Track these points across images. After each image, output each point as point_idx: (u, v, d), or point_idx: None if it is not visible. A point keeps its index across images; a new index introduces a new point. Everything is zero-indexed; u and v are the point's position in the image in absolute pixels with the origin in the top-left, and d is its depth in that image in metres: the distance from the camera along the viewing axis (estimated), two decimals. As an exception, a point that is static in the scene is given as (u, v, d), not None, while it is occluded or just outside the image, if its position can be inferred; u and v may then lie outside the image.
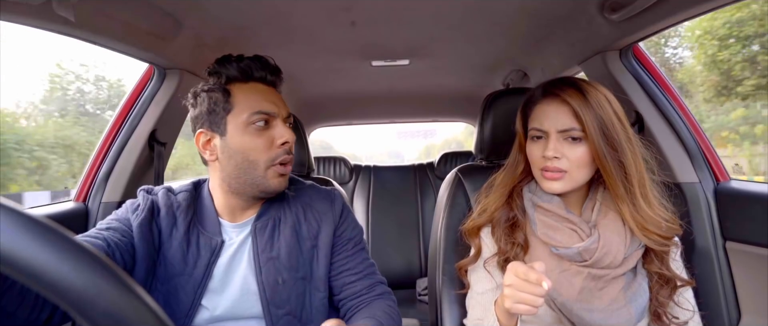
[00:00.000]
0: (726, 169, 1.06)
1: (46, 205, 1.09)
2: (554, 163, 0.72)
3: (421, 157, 6.30)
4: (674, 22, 0.92)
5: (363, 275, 0.85)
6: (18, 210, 0.22)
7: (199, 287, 0.76)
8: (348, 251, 0.86)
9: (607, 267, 0.72)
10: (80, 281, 0.22)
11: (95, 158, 1.15)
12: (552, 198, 0.77)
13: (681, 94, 1.11)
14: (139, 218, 0.76)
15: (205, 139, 0.77)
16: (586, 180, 0.75)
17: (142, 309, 0.23)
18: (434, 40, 1.31)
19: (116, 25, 0.90)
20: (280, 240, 0.81)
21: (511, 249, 0.77)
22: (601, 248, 0.72)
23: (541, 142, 0.75)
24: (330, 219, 0.85)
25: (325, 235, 0.84)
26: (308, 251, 0.82)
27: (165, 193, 0.81)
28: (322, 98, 1.99)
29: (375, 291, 0.85)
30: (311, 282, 0.82)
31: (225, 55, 0.79)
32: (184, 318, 0.76)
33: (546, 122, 0.74)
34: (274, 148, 0.77)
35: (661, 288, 0.74)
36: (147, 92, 1.18)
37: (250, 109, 0.75)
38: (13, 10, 0.70)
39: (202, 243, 0.78)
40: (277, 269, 0.79)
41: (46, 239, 0.22)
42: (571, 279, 0.73)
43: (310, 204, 0.86)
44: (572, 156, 0.72)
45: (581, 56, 1.20)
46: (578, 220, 0.75)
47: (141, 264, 0.73)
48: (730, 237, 0.98)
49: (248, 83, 0.77)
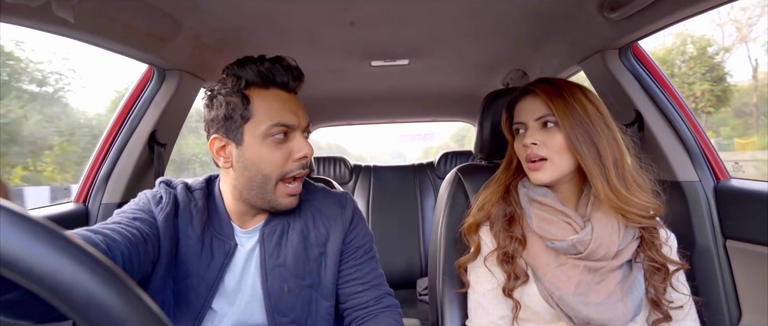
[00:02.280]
0: (726, 168, 1.06)
1: (47, 206, 1.09)
2: (534, 150, 0.76)
3: (420, 157, 6.34)
4: (673, 21, 0.92)
5: (370, 285, 0.83)
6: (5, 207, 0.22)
7: (211, 289, 0.75)
8: (357, 259, 0.83)
9: (602, 259, 0.74)
10: (73, 275, 0.21)
11: (95, 159, 1.15)
12: (546, 192, 0.79)
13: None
14: (164, 212, 0.73)
15: (219, 145, 0.74)
16: (570, 167, 0.77)
17: (140, 308, 0.23)
18: (434, 40, 1.31)
19: (116, 26, 0.90)
20: (287, 247, 0.78)
21: (509, 243, 0.78)
22: (594, 240, 0.73)
23: (523, 134, 0.80)
24: (340, 225, 0.82)
25: (334, 242, 0.81)
26: (316, 258, 0.80)
27: (184, 189, 0.79)
28: (321, 98, 1.99)
29: (382, 304, 0.83)
30: (318, 291, 0.80)
31: (245, 56, 0.74)
32: (193, 320, 0.74)
33: (523, 114, 0.80)
34: (290, 162, 0.73)
35: (653, 274, 0.76)
36: (146, 93, 1.18)
37: (270, 121, 0.71)
38: (13, 12, 0.70)
39: (216, 245, 0.76)
40: (282, 276, 0.77)
41: (40, 237, 0.22)
42: (568, 273, 0.74)
43: (320, 209, 0.83)
44: (550, 142, 0.76)
45: (581, 55, 1.20)
46: (572, 213, 0.77)
47: (163, 260, 0.71)
48: (730, 236, 0.98)
49: (269, 89, 0.73)
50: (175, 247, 0.74)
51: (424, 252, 2.10)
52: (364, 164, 2.36)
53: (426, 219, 2.16)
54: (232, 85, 0.72)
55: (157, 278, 0.71)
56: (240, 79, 0.72)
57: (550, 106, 0.75)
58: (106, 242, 0.60)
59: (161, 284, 0.72)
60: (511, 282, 0.77)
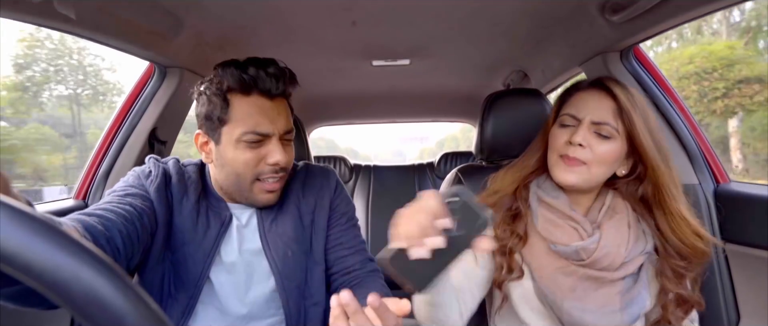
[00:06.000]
0: (726, 171, 1.06)
1: (46, 202, 1.09)
2: (578, 151, 0.70)
3: (418, 156, 6.39)
4: (675, 24, 0.92)
5: (355, 250, 0.86)
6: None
7: (208, 257, 0.76)
8: (342, 225, 0.87)
9: (605, 269, 0.71)
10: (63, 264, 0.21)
11: (95, 156, 1.15)
12: (559, 194, 0.76)
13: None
14: (154, 183, 0.75)
15: (202, 140, 0.78)
16: (601, 180, 0.73)
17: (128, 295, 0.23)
18: (435, 40, 1.31)
19: (117, 23, 0.90)
20: (285, 217, 0.82)
21: (509, 237, 0.75)
22: (600, 249, 0.71)
23: (569, 128, 0.72)
24: (326, 192, 0.87)
25: (322, 208, 0.85)
26: (308, 226, 0.84)
27: (176, 162, 0.82)
28: (322, 97, 1.98)
29: (367, 268, 0.86)
30: (311, 256, 0.83)
31: (230, 59, 0.75)
32: (192, 288, 0.75)
33: (583, 110, 0.71)
34: (263, 165, 0.75)
35: (676, 308, 0.72)
36: (147, 90, 1.18)
37: (245, 127, 0.72)
38: (14, 8, 0.70)
39: (211, 215, 0.79)
40: (285, 243, 0.80)
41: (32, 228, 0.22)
42: (564, 278, 0.72)
43: (306, 181, 0.88)
44: (598, 150, 0.70)
45: (582, 57, 1.20)
46: (581, 219, 0.74)
47: (161, 230, 0.74)
48: (729, 239, 0.98)
49: (250, 96, 0.73)
50: (170, 216, 0.76)
51: (424, 252, 2.10)
52: (364, 164, 2.36)
53: (426, 220, 2.16)
54: (215, 87, 0.73)
55: (156, 249, 0.74)
56: (222, 82, 0.72)
57: (618, 116, 0.69)
58: (102, 223, 0.61)
59: (160, 255, 0.74)
60: (502, 274, 0.74)
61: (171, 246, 0.76)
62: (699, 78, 7.62)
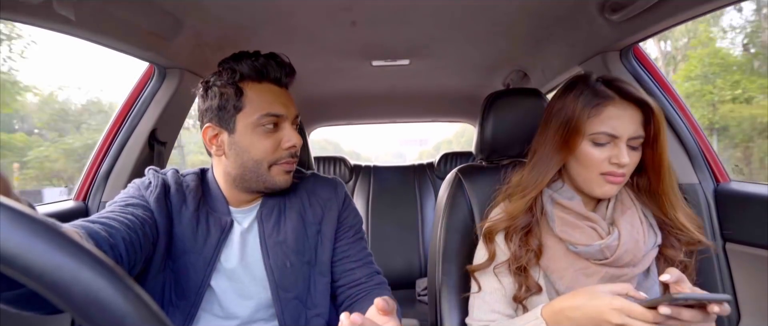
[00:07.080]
0: (726, 170, 1.06)
1: (47, 204, 1.09)
2: (624, 169, 0.72)
3: (416, 157, 6.41)
4: (675, 23, 0.92)
5: (362, 263, 0.86)
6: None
7: (209, 265, 0.77)
8: (349, 238, 0.87)
9: (626, 265, 0.72)
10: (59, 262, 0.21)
11: (95, 157, 1.15)
12: (573, 196, 0.77)
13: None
14: (154, 194, 0.76)
15: (212, 133, 0.78)
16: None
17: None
18: (435, 40, 1.31)
19: (117, 24, 0.90)
20: (286, 225, 0.82)
21: (524, 254, 0.76)
22: (622, 245, 0.71)
23: (606, 147, 0.72)
24: (334, 204, 0.87)
25: (330, 220, 0.85)
26: (313, 236, 0.84)
27: (174, 173, 0.83)
28: (322, 98, 1.98)
29: (374, 281, 0.85)
30: (315, 267, 0.83)
31: (241, 51, 0.78)
32: (194, 296, 0.76)
33: (619, 128, 0.71)
34: (279, 150, 0.78)
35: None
36: (147, 91, 1.18)
37: (262, 111, 0.75)
38: (14, 9, 0.70)
39: (212, 222, 0.79)
40: (284, 252, 0.80)
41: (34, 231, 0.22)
42: (586, 279, 0.72)
43: (313, 191, 0.87)
44: (633, 160, 0.73)
45: (582, 56, 1.20)
46: (597, 218, 0.75)
47: (162, 239, 0.74)
48: (729, 239, 0.98)
49: (262, 83, 0.77)
50: (170, 226, 0.77)
51: (424, 252, 2.10)
52: (364, 164, 2.36)
53: (425, 220, 2.16)
54: (227, 78, 0.76)
55: (157, 258, 0.74)
56: (235, 72, 0.76)
57: (644, 126, 0.72)
58: (106, 230, 0.62)
59: (162, 263, 0.75)
60: (522, 292, 0.76)
61: (172, 255, 0.76)
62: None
